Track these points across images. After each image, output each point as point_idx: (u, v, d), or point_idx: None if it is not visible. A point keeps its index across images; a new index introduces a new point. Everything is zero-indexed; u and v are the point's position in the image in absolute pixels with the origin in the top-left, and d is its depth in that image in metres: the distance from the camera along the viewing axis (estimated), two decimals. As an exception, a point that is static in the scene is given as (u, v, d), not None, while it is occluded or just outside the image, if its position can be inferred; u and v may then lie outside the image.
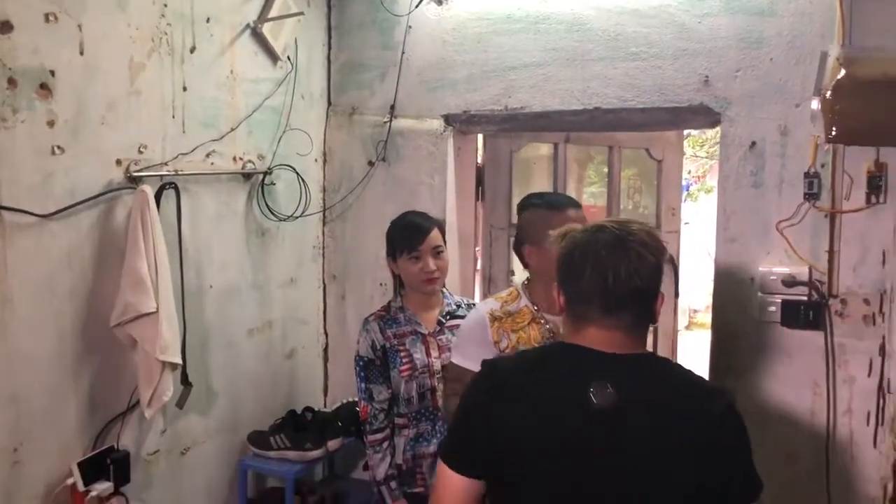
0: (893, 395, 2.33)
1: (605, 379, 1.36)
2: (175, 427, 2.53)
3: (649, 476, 1.34)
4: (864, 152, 2.29)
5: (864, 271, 2.34)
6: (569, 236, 1.48)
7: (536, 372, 1.45)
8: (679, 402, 1.38)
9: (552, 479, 1.37)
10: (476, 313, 2.22)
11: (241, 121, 2.69)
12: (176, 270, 2.40)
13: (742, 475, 1.38)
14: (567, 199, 2.19)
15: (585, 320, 1.43)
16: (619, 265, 1.38)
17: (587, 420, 1.35)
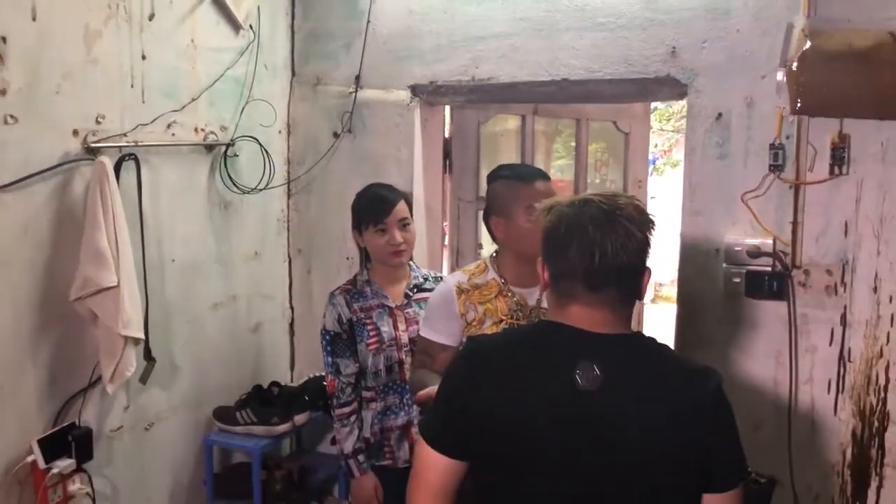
0: (854, 364, 2.37)
1: (591, 360, 1.34)
2: (138, 403, 2.49)
3: (635, 457, 1.33)
4: (828, 124, 2.30)
5: (827, 242, 2.37)
6: (555, 210, 1.43)
7: (520, 352, 1.42)
8: (666, 383, 1.36)
9: (535, 460, 1.36)
10: (443, 286, 2.21)
11: (202, 91, 2.63)
12: (137, 244, 2.35)
13: (728, 457, 1.37)
14: (536, 171, 2.18)
15: (570, 297, 1.40)
16: (605, 241, 1.35)
17: (572, 401, 1.33)
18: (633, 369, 1.37)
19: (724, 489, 1.36)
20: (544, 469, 1.36)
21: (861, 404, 2.38)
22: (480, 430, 1.39)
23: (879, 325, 2.33)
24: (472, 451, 1.42)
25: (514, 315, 2.11)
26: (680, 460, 1.33)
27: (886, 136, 2.26)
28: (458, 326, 2.12)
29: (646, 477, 1.33)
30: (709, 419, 1.35)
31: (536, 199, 2.04)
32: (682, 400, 1.34)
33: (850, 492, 2.41)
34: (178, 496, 2.70)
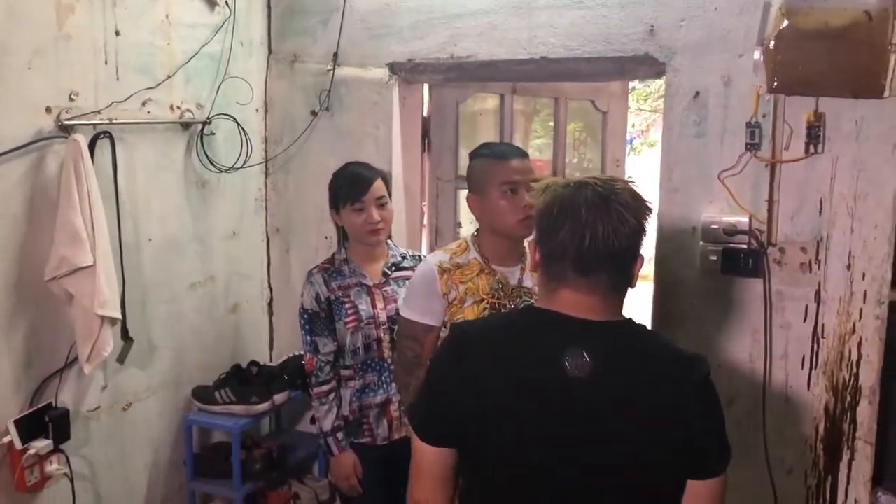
0: (827, 340, 2.41)
1: (580, 347, 1.34)
2: (116, 383, 2.47)
3: (623, 445, 1.33)
4: (804, 102, 2.32)
5: (802, 220, 2.39)
6: (550, 189, 1.41)
7: (507, 339, 1.41)
8: (655, 371, 1.36)
9: (524, 447, 1.36)
10: (424, 265, 2.21)
11: (177, 68, 2.60)
12: (113, 223, 2.33)
13: (714, 445, 1.37)
14: (513, 150, 2.17)
15: (560, 281, 1.39)
16: (597, 224, 1.33)
17: (561, 388, 1.33)
18: (623, 357, 1.36)
19: (709, 476, 1.37)
20: (532, 457, 1.36)
21: (834, 380, 2.42)
22: (468, 418, 1.39)
23: (852, 302, 2.36)
24: (460, 440, 1.42)
25: (495, 294, 2.12)
26: (667, 447, 1.34)
27: (861, 114, 2.28)
28: (441, 306, 2.12)
29: (633, 464, 1.34)
30: (696, 407, 1.34)
31: (511, 178, 2.05)
32: (670, 388, 1.34)
33: (823, 465, 2.46)
34: (157, 476, 2.69)
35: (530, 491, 1.37)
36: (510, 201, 2.06)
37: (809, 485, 2.48)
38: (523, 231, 2.08)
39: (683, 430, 1.33)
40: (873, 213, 2.31)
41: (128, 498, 2.57)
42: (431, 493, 1.48)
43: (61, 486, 2.27)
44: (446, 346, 1.48)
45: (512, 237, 2.11)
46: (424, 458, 1.47)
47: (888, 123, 2.26)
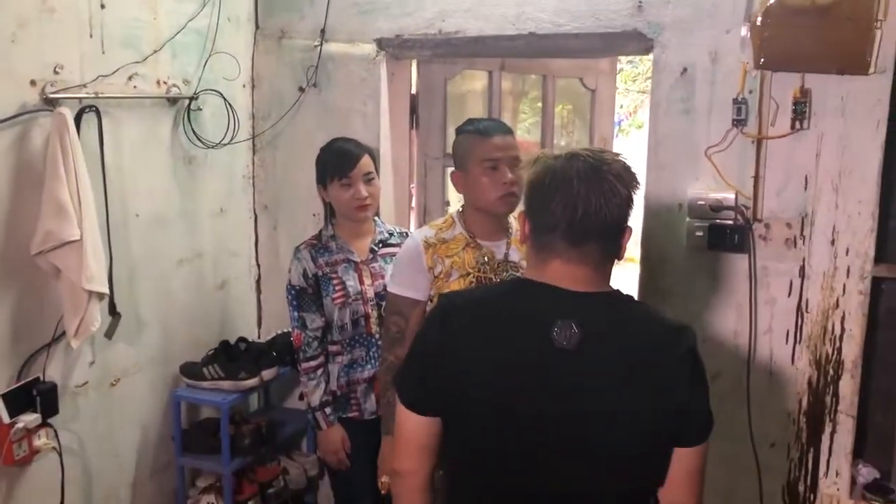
0: (811, 315, 2.44)
1: (569, 318, 1.34)
2: (104, 358, 2.47)
3: (610, 415, 1.34)
4: (790, 78, 2.33)
5: (787, 196, 2.41)
6: (540, 161, 1.41)
7: (496, 310, 1.42)
8: (643, 342, 1.37)
9: (511, 418, 1.37)
10: (410, 241, 2.22)
11: (164, 43, 2.58)
12: (99, 198, 2.32)
13: (698, 414, 1.39)
14: (497, 126, 2.17)
15: (550, 251, 1.39)
16: (590, 196, 1.34)
17: (549, 359, 1.34)
18: (611, 327, 1.37)
19: (694, 443, 1.39)
20: (520, 427, 1.37)
21: (817, 354, 2.45)
22: (455, 388, 1.39)
23: (836, 277, 2.39)
24: (446, 409, 1.43)
25: (481, 268, 2.13)
26: (655, 417, 1.35)
27: (846, 90, 2.30)
28: (427, 280, 2.13)
29: (621, 433, 1.35)
30: (683, 377, 1.36)
31: (492, 154, 2.07)
32: (658, 358, 1.36)
33: (805, 438, 2.49)
34: (146, 451, 2.70)
35: (517, 461, 1.39)
36: (491, 177, 2.07)
37: (792, 457, 2.52)
38: (503, 208, 2.10)
39: (671, 400, 1.34)
40: (857, 188, 2.33)
41: (117, 473, 2.58)
42: (414, 463, 1.50)
43: (50, 460, 2.27)
44: (434, 316, 1.48)
45: (492, 213, 2.13)
46: (408, 427, 1.48)
47: (873, 99, 2.28)
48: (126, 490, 2.63)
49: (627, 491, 1.41)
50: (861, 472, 2.48)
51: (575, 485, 1.38)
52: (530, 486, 1.39)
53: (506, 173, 2.05)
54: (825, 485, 2.49)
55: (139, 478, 2.68)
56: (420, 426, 1.46)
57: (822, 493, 2.50)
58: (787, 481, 2.53)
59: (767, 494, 2.54)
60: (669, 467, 1.40)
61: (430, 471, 1.51)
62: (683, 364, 1.36)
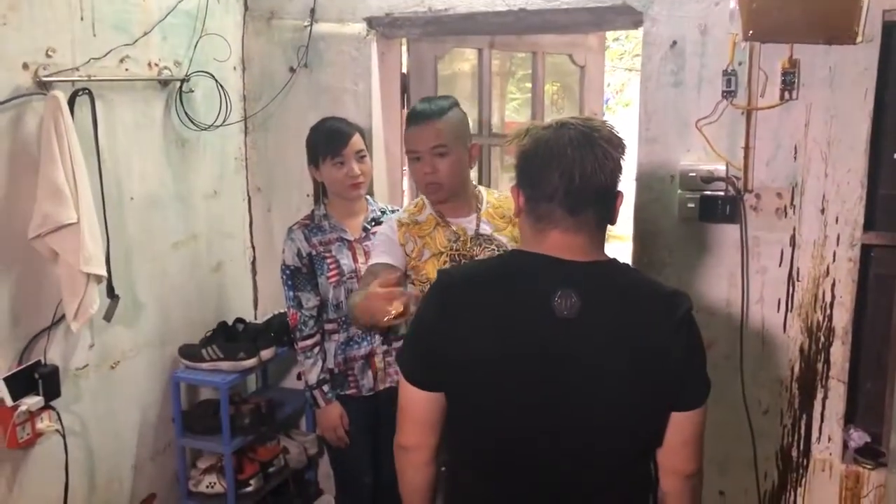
0: (802, 283, 2.47)
1: (569, 287, 1.36)
2: (103, 341, 2.48)
3: (613, 381, 1.37)
4: (779, 49, 2.35)
5: (777, 166, 2.44)
6: (531, 133, 1.42)
7: (496, 282, 1.42)
8: (641, 308, 1.39)
9: (516, 388, 1.38)
10: (386, 223, 2.28)
11: (154, 25, 2.57)
12: (95, 181, 2.32)
13: (695, 378, 1.42)
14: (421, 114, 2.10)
15: (549, 222, 1.40)
16: (585, 162, 1.35)
17: (552, 329, 1.35)
18: (610, 295, 1.39)
19: (692, 407, 1.42)
20: (524, 396, 1.39)
21: (808, 321, 2.49)
22: (458, 362, 1.41)
23: (826, 245, 2.42)
24: (450, 384, 1.44)
25: (452, 246, 2.15)
26: (654, 381, 1.38)
27: (834, 60, 2.32)
28: (401, 253, 2.17)
29: (622, 398, 1.38)
30: (681, 341, 1.38)
31: (412, 146, 2.11)
32: (656, 324, 1.37)
33: (798, 404, 2.54)
34: (147, 433, 2.72)
35: (522, 429, 1.41)
36: (414, 169, 2.14)
37: (785, 423, 2.56)
38: (431, 197, 2.16)
39: (670, 364, 1.37)
40: (846, 157, 2.36)
41: (119, 454, 2.60)
42: (418, 438, 1.51)
43: (53, 442, 2.29)
44: (434, 291, 1.48)
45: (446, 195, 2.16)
46: (412, 402, 1.49)
47: (860, 68, 2.30)
48: (128, 471, 2.65)
49: (627, 455, 1.44)
50: (852, 437, 2.53)
51: (577, 450, 1.40)
52: (534, 453, 1.41)
53: (426, 164, 2.09)
54: (817, 450, 2.54)
55: (141, 459, 2.69)
56: (423, 402, 1.48)
57: (815, 458, 2.55)
58: (781, 447, 2.58)
59: (761, 460, 2.58)
60: (668, 432, 1.43)
61: (434, 445, 1.52)
62: (680, 329, 1.38)
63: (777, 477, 2.60)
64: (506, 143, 1.54)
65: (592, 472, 1.42)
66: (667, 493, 1.49)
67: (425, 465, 1.54)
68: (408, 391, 1.49)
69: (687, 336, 1.39)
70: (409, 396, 1.49)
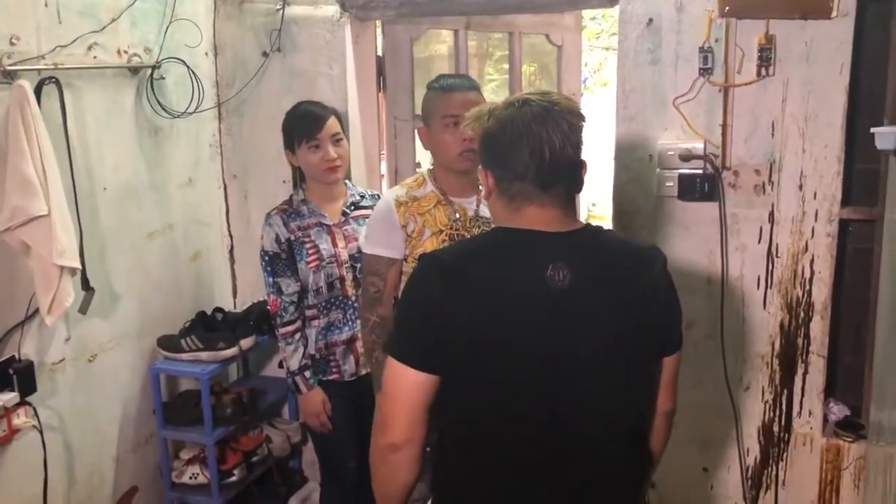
0: (781, 259, 2.48)
1: (558, 259, 1.38)
2: (79, 334, 2.45)
3: (608, 344, 1.41)
4: (755, 25, 2.35)
5: (755, 143, 2.44)
6: (493, 114, 1.43)
7: (485, 261, 1.42)
8: (623, 267, 1.44)
9: (516, 363, 1.39)
10: (382, 202, 2.22)
11: (122, 11, 2.51)
12: (65, 171, 2.27)
13: (675, 321, 1.52)
14: (461, 82, 2.16)
15: (523, 199, 1.42)
16: (552, 137, 1.38)
17: (548, 301, 1.37)
18: (594, 259, 1.43)
19: (675, 350, 1.51)
20: (527, 370, 1.39)
21: (788, 297, 2.50)
22: (455, 342, 1.39)
23: (804, 221, 2.43)
24: (448, 363, 1.42)
25: (453, 225, 2.14)
26: (647, 333, 1.44)
27: (810, 35, 2.32)
28: (401, 238, 2.13)
29: (622, 361, 1.42)
30: (663, 290, 1.46)
31: (455, 111, 2.06)
32: (639, 277, 1.44)
33: (779, 380, 2.55)
34: (128, 426, 2.69)
35: (524, 404, 1.41)
36: (452, 134, 2.08)
37: (767, 399, 2.58)
38: (463, 164, 2.11)
39: (656, 314, 1.45)
40: (823, 132, 2.36)
41: (99, 448, 2.57)
42: (410, 431, 1.44)
43: (31, 438, 2.26)
44: (422, 273, 1.45)
45: (453, 169, 2.14)
46: (406, 388, 1.42)
47: (836, 43, 2.30)
48: (109, 464, 2.62)
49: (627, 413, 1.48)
50: (832, 410, 2.55)
51: (578, 417, 1.42)
52: (536, 424, 1.42)
53: (466, 130, 2.05)
54: (798, 424, 2.56)
55: (122, 452, 2.67)
56: (419, 384, 1.42)
57: (796, 433, 2.57)
58: (763, 423, 2.60)
59: (744, 436, 2.61)
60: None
61: (423, 440, 1.47)
62: (661, 278, 1.46)
63: (759, 452, 2.62)
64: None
65: (594, 439, 1.45)
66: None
67: (415, 461, 1.47)
68: (401, 376, 1.42)
69: (667, 287, 1.48)
70: (403, 381, 1.42)
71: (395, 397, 1.45)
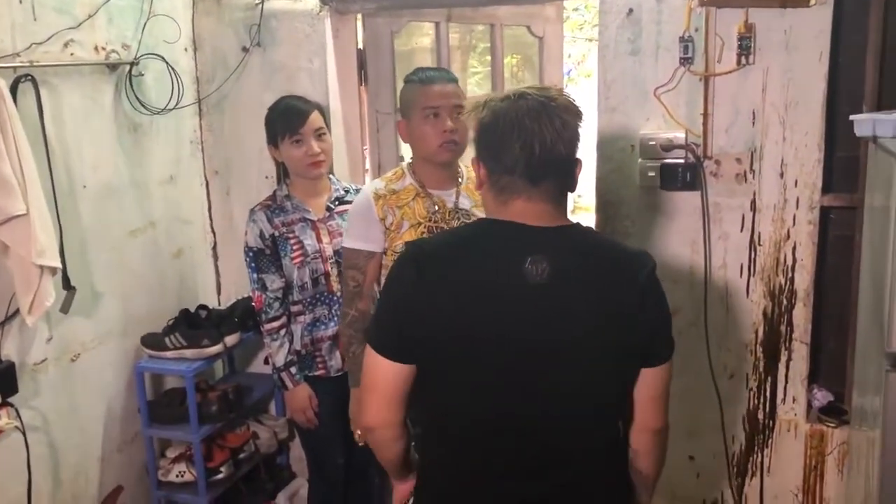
0: (763, 247, 2.49)
1: (539, 253, 1.37)
2: (61, 333, 2.43)
3: (584, 343, 1.39)
4: (735, 14, 2.35)
5: (736, 131, 2.45)
6: (489, 105, 1.43)
7: (466, 252, 1.43)
8: (608, 270, 1.41)
9: (493, 356, 1.39)
10: (360, 195, 2.22)
11: (98, 7, 2.49)
12: (44, 170, 2.25)
13: (662, 334, 1.46)
14: (440, 74, 2.15)
15: (512, 192, 1.42)
16: (544, 133, 1.36)
17: (524, 295, 1.37)
18: (578, 258, 1.41)
19: (660, 363, 1.46)
20: (501, 363, 1.39)
21: (771, 285, 2.51)
22: (434, 332, 1.40)
23: (786, 209, 2.44)
24: (425, 355, 1.43)
25: (431, 217, 2.13)
26: (625, 340, 1.41)
27: (789, 23, 2.32)
28: (380, 231, 2.13)
29: (596, 359, 1.40)
30: (647, 300, 1.42)
31: (433, 102, 2.06)
32: (623, 282, 1.40)
33: (763, 367, 2.57)
34: (113, 425, 2.67)
35: (499, 394, 1.41)
36: (432, 126, 2.07)
37: (751, 387, 2.59)
38: (444, 156, 2.10)
39: (639, 322, 1.40)
40: (803, 120, 2.37)
41: (84, 448, 2.55)
42: (385, 415, 1.49)
43: (13, 439, 2.24)
44: (403, 262, 1.46)
45: (433, 161, 2.13)
46: (381, 376, 1.46)
47: (815, 31, 2.31)
48: (95, 464, 2.61)
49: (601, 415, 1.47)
50: (816, 396, 2.57)
51: (553, 413, 1.42)
52: (512, 419, 1.42)
53: (446, 121, 2.05)
54: (783, 410, 2.58)
55: (107, 452, 2.65)
56: (395, 374, 1.45)
57: (780, 419, 2.59)
58: (747, 410, 2.61)
59: (729, 424, 2.62)
60: (637, 389, 1.47)
61: (401, 421, 1.51)
62: (647, 286, 1.42)
63: (744, 439, 2.64)
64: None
65: (568, 435, 1.44)
66: (637, 451, 1.53)
67: (395, 440, 1.54)
68: (377, 365, 1.46)
69: (653, 294, 1.44)
70: (379, 370, 1.46)
71: (371, 384, 1.49)
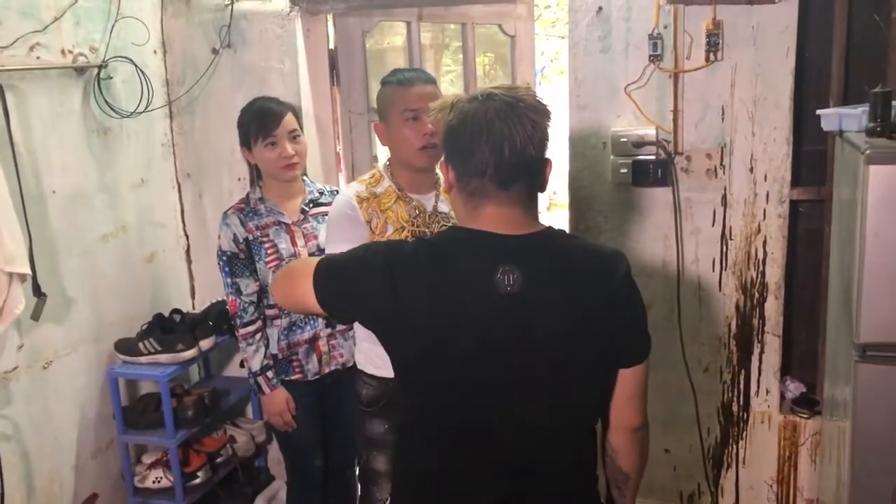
0: (735, 241, 2.52)
1: (510, 262, 1.34)
2: (33, 340, 2.40)
3: (558, 350, 1.37)
4: (703, 11, 2.37)
5: (706, 127, 2.47)
6: (456, 107, 1.38)
7: (438, 262, 1.39)
8: (581, 273, 1.38)
9: (462, 367, 1.37)
10: (341, 197, 2.16)
11: (65, 10, 2.47)
12: (11, 176, 2.22)
13: (639, 333, 1.44)
14: (419, 76, 2.12)
15: (482, 196, 1.38)
16: (514, 135, 1.32)
17: (496, 305, 1.34)
18: (551, 264, 1.38)
19: (637, 363, 1.44)
20: (473, 374, 1.38)
21: (743, 279, 2.54)
22: (405, 344, 1.39)
23: (756, 203, 2.47)
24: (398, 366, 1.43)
25: (414, 221, 2.11)
26: (600, 343, 1.39)
27: (756, 20, 2.35)
28: (367, 234, 2.07)
29: (570, 364, 1.38)
30: (623, 299, 1.39)
31: (414, 105, 2.03)
32: (598, 286, 1.38)
33: (736, 360, 2.60)
34: (87, 432, 2.65)
35: (472, 407, 1.40)
36: (412, 129, 2.04)
37: (725, 380, 2.62)
38: (423, 160, 2.07)
39: (614, 324, 1.38)
40: (772, 115, 2.40)
41: (57, 455, 2.53)
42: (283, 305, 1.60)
43: (-15, 448, 2.22)
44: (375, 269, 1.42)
45: (413, 166, 2.10)
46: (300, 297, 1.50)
47: (781, 27, 2.34)
48: (69, 471, 2.58)
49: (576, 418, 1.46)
50: (789, 388, 2.61)
51: (527, 420, 1.41)
52: (485, 426, 1.41)
53: (426, 124, 2.02)
54: (756, 402, 2.61)
55: (81, 458, 2.63)
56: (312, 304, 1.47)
57: (754, 411, 2.62)
58: (722, 403, 2.64)
59: (704, 417, 2.64)
60: (615, 389, 1.45)
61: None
62: (622, 287, 1.40)
63: (719, 432, 2.67)
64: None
65: (543, 439, 1.43)
66: (616, 450, 1.52)
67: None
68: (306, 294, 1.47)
69: (628, 297, 1.41)
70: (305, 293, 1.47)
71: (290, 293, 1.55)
